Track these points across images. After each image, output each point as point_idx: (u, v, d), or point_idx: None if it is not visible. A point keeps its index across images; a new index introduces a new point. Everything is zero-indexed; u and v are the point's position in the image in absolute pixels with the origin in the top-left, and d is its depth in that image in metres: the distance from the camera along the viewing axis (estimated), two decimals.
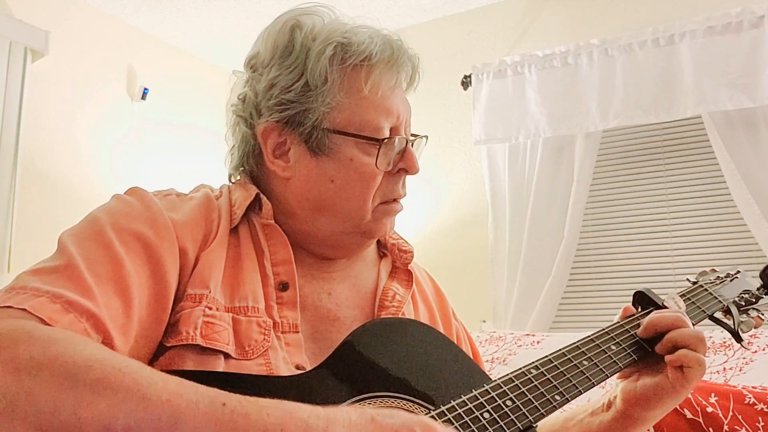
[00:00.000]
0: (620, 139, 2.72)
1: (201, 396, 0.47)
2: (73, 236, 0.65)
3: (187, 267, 0.69)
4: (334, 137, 0.75)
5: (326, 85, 0.74)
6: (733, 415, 1.16)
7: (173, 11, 2.98)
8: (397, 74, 0.78)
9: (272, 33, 0.78)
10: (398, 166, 0.79)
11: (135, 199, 0.71)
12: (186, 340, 0.65)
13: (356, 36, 0.76)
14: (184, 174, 3.10)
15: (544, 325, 2.61)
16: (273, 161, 0.78)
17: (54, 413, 0.45)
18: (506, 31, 2.98)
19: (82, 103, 2.79)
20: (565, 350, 0.74)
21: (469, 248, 2.89)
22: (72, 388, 0.46)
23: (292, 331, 0.72)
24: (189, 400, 0.46)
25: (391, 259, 0.88)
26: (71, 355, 0.48)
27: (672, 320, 0.78)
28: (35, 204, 2.55)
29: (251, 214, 0.79)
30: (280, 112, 0.75)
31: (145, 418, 0.45)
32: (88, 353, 0.49)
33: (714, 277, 0.99)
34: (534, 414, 0.64)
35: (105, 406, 0.45)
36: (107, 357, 0.49)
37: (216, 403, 0.47)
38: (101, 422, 0.45)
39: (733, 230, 2.44)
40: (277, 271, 0.75)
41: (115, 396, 0.46)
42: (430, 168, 2.95)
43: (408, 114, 0.81)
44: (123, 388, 0.46)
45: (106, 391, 0.46)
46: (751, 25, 2.36)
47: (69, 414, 0.45)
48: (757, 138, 2.35)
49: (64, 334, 0.52)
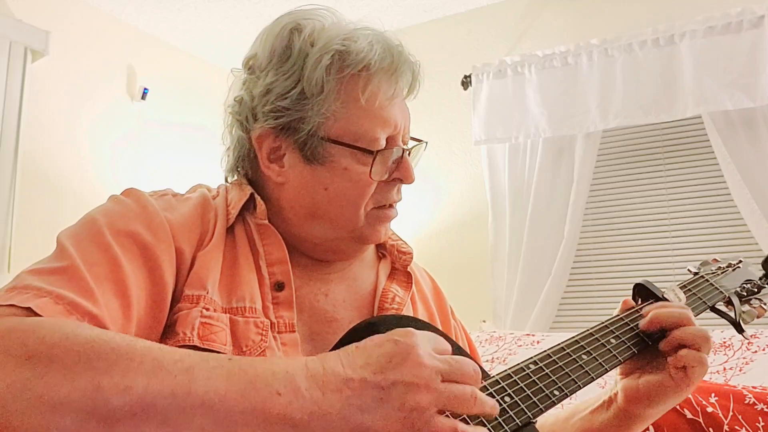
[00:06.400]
0: (620, 139, 2.72)
1: (208, 356, 0.52)
2: (72, 237, 0.65)
3: (184, 267, 0.69)
4: (329, 146, 0.74)
5: (322, 94, 0.73)
6: (733, 415, 1.16)
7: (173, 11, 2.98)
8: (396, 83, 0.77)
9: (271, 35, 0.77)
10: (394, 175, 0.78)
11: (131, 200, 0.71)
12: (183, 341, 0.65)
13: (355, 43, 0.74)
14: (184, 174, 3.10)
15: (544, 325, 2.61)
16: (268, 166, 0.77)
17: (72, 386, 0.47)
18: (506, 31, 2.98)
19: (82, 103, 2.79)
20: (564, 345, 0.73)
21: (469, 248, 2.88)
22: (87, 361, 0.48)
23: (288, 331, 0.72)
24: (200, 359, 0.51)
25: (390, 261, 0.88)
26: (80, 334, 0.50)
27: (677, 317, 0.77)
28: (35, 204, 2.55)
29: (246, 214, 0.78)
30: (275, 119, 0.75)
31: (162, 377, 0.48)
32: (97, 332, 0.52)
33: (715, 267, 0.97)
34: (533, 410, 0.63)
35: (122, 370, 0.48)
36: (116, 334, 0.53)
37: (223, 359, 0.52)
38: (121, 384, 0.47)
39: (733, 230, 2.44)
40: (273, 271, 0.75)
41: (130, 362, 0.49)
42: (430, 168, 2.95)
43: (407, 121, 0.80)
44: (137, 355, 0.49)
45: (120, 358, 0.49)
46: (751, 25, 2.36)
47: (88, 382, 0.47)
48: (757, 138, 2.35)
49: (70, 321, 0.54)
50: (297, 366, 0.52)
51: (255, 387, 0.49)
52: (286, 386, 0.50)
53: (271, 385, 0.50)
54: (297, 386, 0.50)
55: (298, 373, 0.51)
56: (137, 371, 0.48)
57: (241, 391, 0.49)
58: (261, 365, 0.51)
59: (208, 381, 0.49)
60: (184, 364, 0.50)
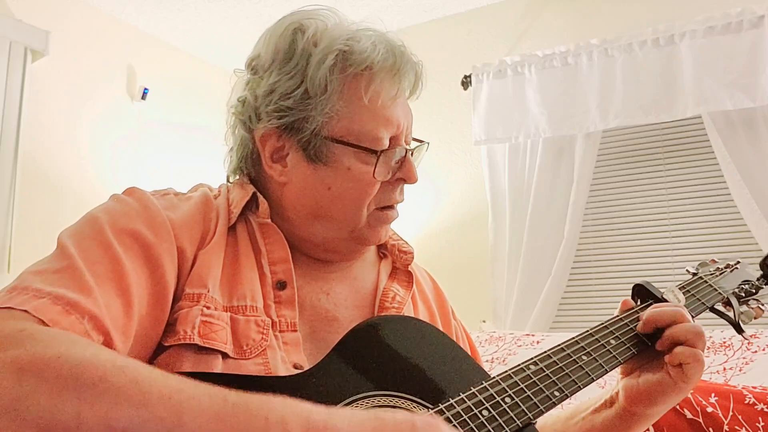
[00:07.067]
0: (620, 139, 2.72)
1: (202, 392, 0.47)
2: (73, 236, 0.65)
3: (185, 266, 0.69)
4: (333, 146, 0.74)
5: (326, 93, 0.73)
6: (733, 415, 1.16)
7: (173, 11, 2.98)
8: (399, 83, 0.77)
9: (274, 35, 0.77)
10: (397, 176, 0.78)
11: (133, 200, 0.71)
12: (183, 340, 0.65)
13: (358, 43, 0.75)
14: (184, 174, 3.10)
15: (544, 325, 2.61)
16: (271, 166, 0.77)
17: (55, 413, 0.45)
18: (506, 31, 2.98)
19: (82, 103, 2.79)
20: (564, 345, 0.73)
21: (469, 248, 2.88)
22: (75, 388, 0.46)
23: (290, 330, 0.72)
24: (190, 395, 0.47)
25: (391, 260, 0.88)
26: (73, 355, 0.48)
27: (671, 316, 0.77)
28: (35, 204, 2.55)
29: (248, 213, 0.78)
30: (278, 119, 0.75)
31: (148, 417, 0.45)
32: (90, 353, 0.49)
33: (714, 268, 0.98)
34: (533, 411, 0.63)
35: (107, 405, 0.45)
36: (108, 357, 0.50)
37: (217, 399, 0.47)
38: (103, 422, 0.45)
39: (733, 230, 2.44)
40: (275, 269, 0.75)
41: (117, 395, 0.46)
42: (430, 168, 2.95)
43: (409, 122, 0.80)
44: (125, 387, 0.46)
45: (107, 390, 0.46)
46: (751, 25, 2.36)
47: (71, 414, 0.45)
48: (757, 138, 2.35)
49: (66, 336, 0.52)
50: (297, 416, 0.47)
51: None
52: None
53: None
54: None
55: (296, 424, 0.47)
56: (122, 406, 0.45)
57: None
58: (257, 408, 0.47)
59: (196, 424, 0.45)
60: (173, 401, 0.46)
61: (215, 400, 0.47)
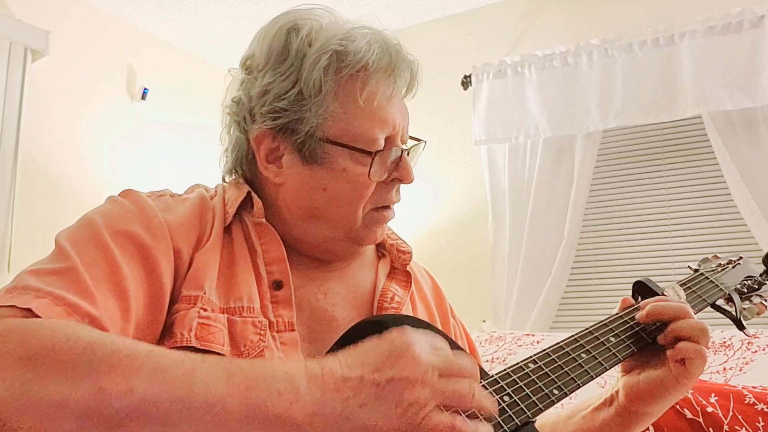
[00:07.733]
0: (620, 139, 2.72)
1: (210, 359, 0.52)
2: (70, 238, 0.65)
3: (182, 268, 0.69)
4: (328, 147, 0.74)
5: (320, 95, 0.73)
6: (733, 415, 1.16)
7: (173, 11, 2.98)
8: (395, 83, 0.77)
9: (268, 35, 0.77)
10: (393, 176, 0.78)
11: (129, 201, 0.71)
12: (180, 342, 0.65)
13: (353, 43, 0.74)
14: (184, 174, 3.10)
15: (544, 325, 2.61)
16: (266, 166, 0.77)
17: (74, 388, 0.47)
18: (506, 31, 2.98)
19: (82, 103, 2.79)
20: (563, 343, 0.72)
21: (469, 248, 2.88)
22: (88, 363, 0.48)
23: (287, 330, 0.72)
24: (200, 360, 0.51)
25: (390, 260, 0.88)
26: (82, 336, 0.51)
27: (676, 311, 0.76)
28: (35, 204, 2.55)
29: (244, 214, 0.78)
30: (273, 120, 0.75)
31: (163, 379, 0.48)
32: (98, 335, 0.52)
33: (716, 264, 0.97)
34: (532, 409, 0.63)
35: (123, 372, 0.48)
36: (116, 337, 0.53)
37: (223, 361, 0.53)
38: (123, 387, 0.47)
39: (733, 230, 2.44)
40: (271, 269, 0.75)
41: (131, 364, 0.49)
42: (430, 168, 2.95)
43: (405, 121, 0.79)
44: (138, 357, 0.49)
45: (121, 361, 0.49)
46: (751, 25, 2.36)
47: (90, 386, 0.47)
48: (757, 138, 2.35)
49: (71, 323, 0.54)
50: (296, 367, 0.52)
51: (256, 388, 0.49)
52: (286, 387, 0.50)
53: (271, 386, 0.50)
54: (297, 387, 0.50)
55: (298, 374, 0.51)
56: (138, 374, 0.48)
57: (242, 393, 0.49)
58: (261, 367, 0.52)
59: (209, 383, 0.49)
60: (185, 366, 0.50)
61: (223, 363, 0.52)
